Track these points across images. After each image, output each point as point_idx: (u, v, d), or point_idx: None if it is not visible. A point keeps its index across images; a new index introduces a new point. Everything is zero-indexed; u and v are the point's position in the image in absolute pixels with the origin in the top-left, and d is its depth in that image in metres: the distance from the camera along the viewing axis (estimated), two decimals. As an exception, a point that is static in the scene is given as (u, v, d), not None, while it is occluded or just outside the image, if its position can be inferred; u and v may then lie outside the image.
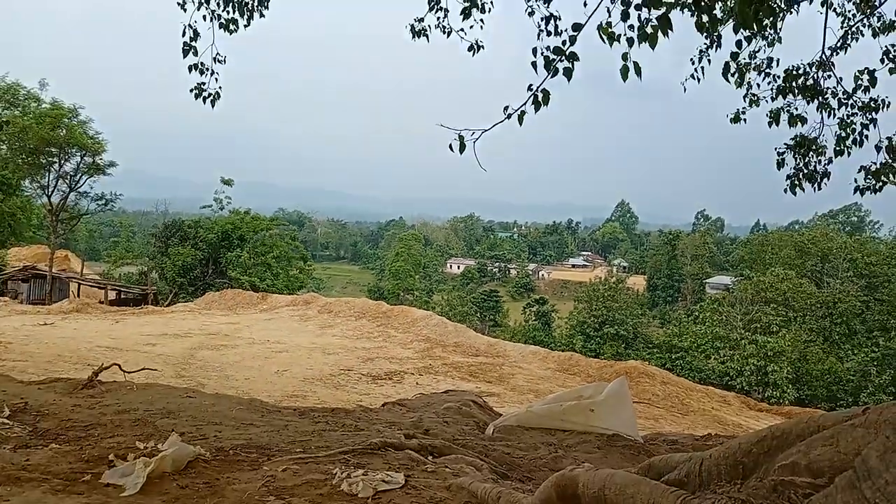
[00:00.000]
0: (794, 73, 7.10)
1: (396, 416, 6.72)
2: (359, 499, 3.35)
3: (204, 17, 6.58)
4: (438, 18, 6.93)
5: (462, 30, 6.68)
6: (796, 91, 7.10)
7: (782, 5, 6.72)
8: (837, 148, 7.04)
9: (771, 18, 6.58)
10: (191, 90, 6.74)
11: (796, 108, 7.19)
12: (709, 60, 6.84)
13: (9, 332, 17.43)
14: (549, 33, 5.51)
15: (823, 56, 6.97)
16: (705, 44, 6.72)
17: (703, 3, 4.94)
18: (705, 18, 5.38)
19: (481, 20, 6.62)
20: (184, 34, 6.41)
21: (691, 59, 6.95)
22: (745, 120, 7.62)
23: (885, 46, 6.95)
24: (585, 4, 5.08)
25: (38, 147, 31.92)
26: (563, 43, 4.76)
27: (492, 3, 6.70)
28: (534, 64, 4.78)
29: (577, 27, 4.68)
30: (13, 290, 31.74)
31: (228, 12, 6.72)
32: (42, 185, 34.24)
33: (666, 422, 13.67)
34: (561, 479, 2.88)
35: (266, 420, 5.47)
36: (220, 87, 6.85)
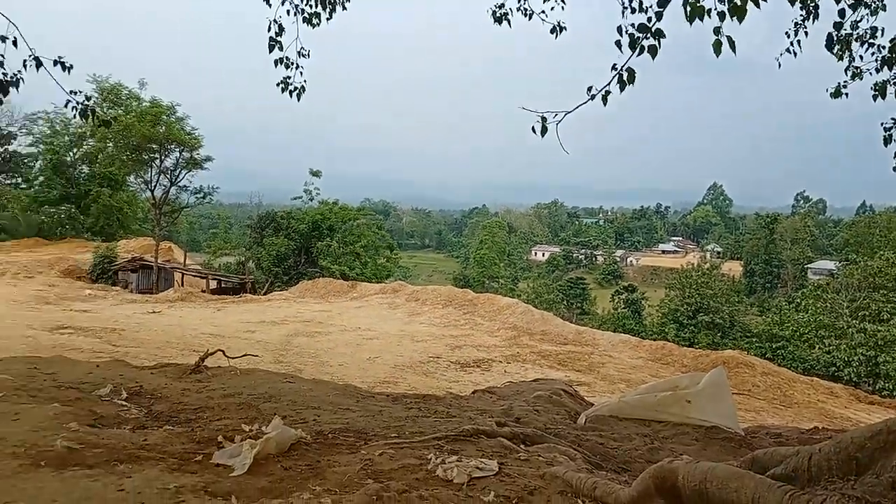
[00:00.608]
0: (902, 42, 6.59)
1: (486, 404, 6.76)
2: (454, 484, 3.39)
3: (288, 12, 6.78)
4: (519, 1, 6.86)
5: (543, 12, 6.59)
6: (904, 62, 6.60)
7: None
8: (950, 122, 6.52)
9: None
10: (277, 84, 7.00)
11: (904, 81, 6.70)
12: (805, 33, 6.45)
13: (122, 319, 18.67)
14: (633, 10, 5.34)
15: (936, 23, 6.45)
16: (801, 15, 6.35)
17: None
18: None
19: (562, 1, 6.51)
20: (269, 29, 6.64)
21: (786, 33, 6.57)
22: (846, 94, 7.16)
23: None
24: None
25: (140, 144, 33.71)
26: (649, 20, 4.62)
27: (572, -18, 6.56)
28: (618, 43, 4.66)
29: (663, 3, 4.52)
30: (123, 280, 33.74)
31: (311, 6, 6.90)
32: (145, 180, 36.14)
33: (768, 414, 13.15)
34: (660, 470, 2.83)
35: (361, 405, 5.63)
36: (304, 81, 7.08)
